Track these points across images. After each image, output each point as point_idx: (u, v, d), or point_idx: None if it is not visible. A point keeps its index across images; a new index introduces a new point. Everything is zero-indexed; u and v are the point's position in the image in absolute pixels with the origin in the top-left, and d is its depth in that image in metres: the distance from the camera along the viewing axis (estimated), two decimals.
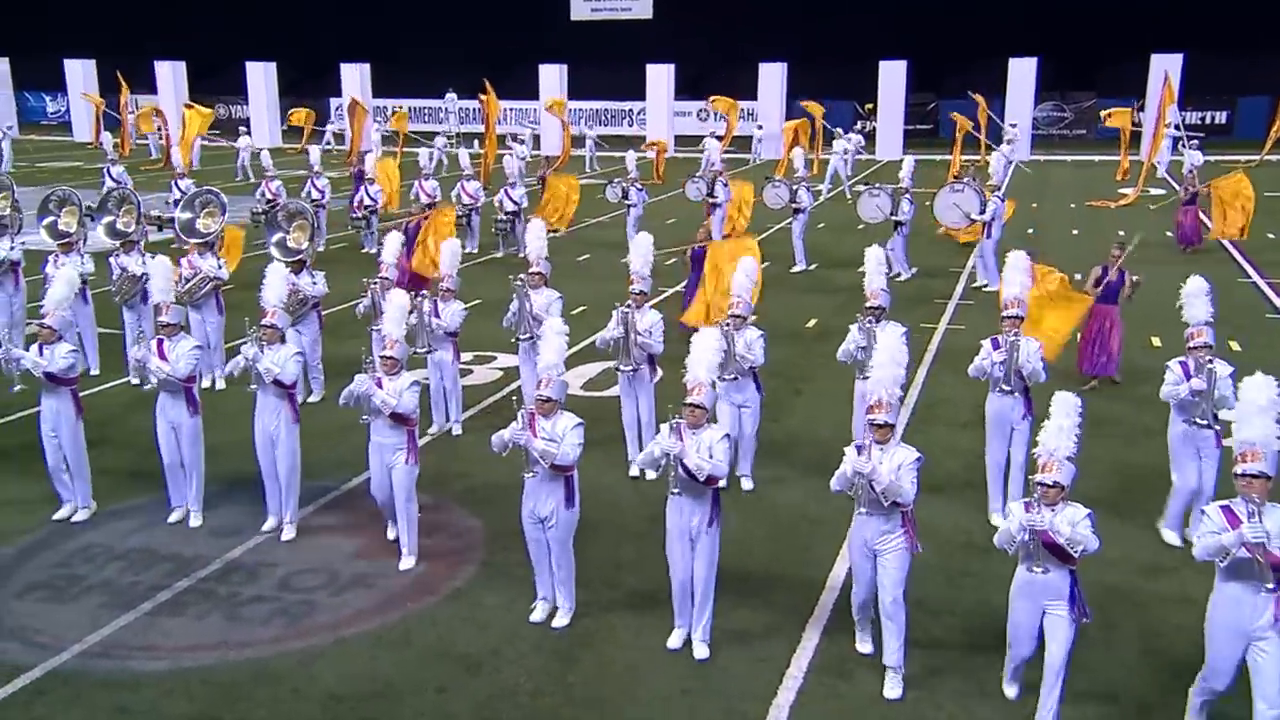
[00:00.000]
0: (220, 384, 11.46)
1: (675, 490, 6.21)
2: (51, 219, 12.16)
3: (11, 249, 12.33)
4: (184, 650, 6.52)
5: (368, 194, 19.15)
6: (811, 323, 14.14)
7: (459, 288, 10.19)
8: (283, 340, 8.04)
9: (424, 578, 7.42)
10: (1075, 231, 21.27)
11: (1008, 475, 7.97)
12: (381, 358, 7.36)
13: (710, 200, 18.40)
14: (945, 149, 39.64)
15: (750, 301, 8.79)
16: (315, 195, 19.53)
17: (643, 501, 8.39)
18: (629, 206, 19.80)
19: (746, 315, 8.61)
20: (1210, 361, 7.31)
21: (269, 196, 19.42)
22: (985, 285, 15.84)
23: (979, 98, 31.82)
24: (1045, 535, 5.33)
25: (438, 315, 9.78)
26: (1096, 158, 33.88)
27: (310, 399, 10.83)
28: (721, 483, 6.33)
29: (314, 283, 10.90)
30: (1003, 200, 16.89)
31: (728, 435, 6.41)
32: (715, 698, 6.03)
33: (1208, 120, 39.40)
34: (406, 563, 7.53)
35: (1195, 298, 7.77)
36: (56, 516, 8.27)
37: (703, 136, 33.43)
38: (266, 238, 12.11)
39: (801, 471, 9.02)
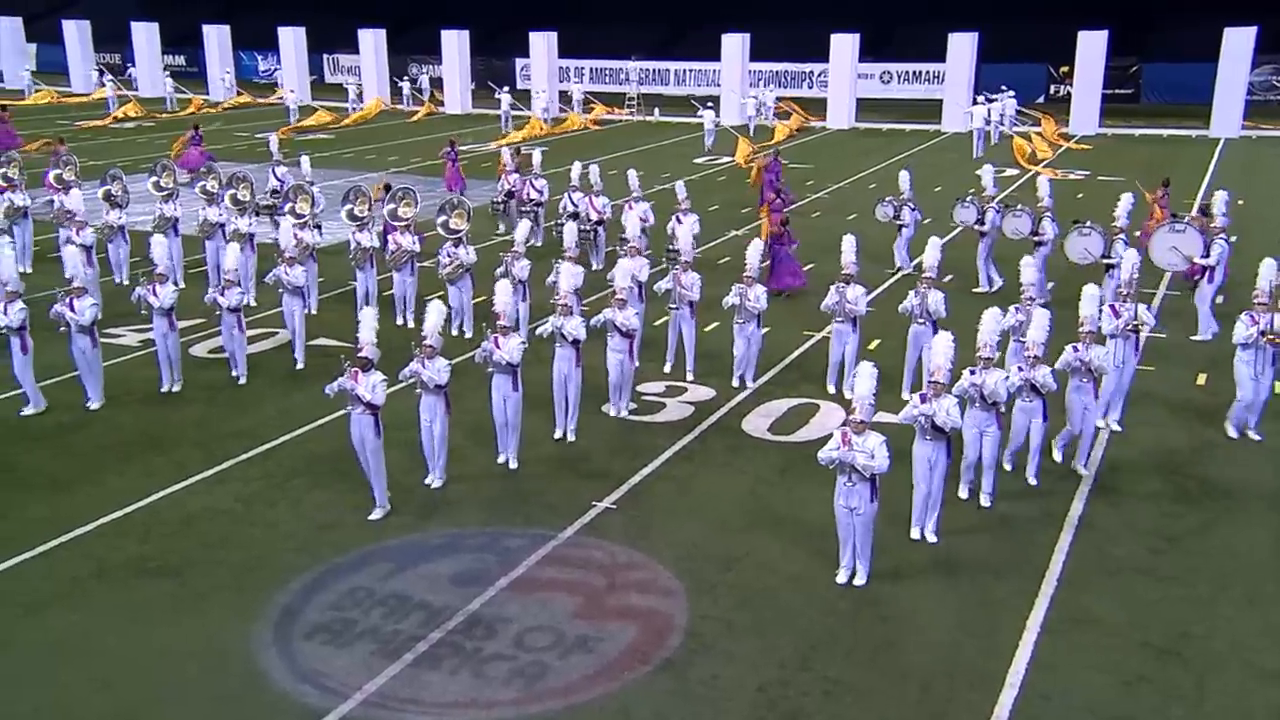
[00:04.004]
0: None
1: (927, 437, 9.48)
2: (349, 206, 17.17)
3: (175, 210, 18.23)
4: (444, 707, 7.73)
5: (532, 187, 21.00)
6: None
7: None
8: (571, 313, 11.41)
9: (637, 643, 8.44)
10: None
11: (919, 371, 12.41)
12: (561, 304, 11.38)
13: (1036, 239, 16.58)
14: (1148, 119, 37.20)
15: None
16: (534, 195, 20.92)
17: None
18: (900, 226, 18.48)
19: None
20: (1030, 304, 11.43)
21: (508, 188, 21.61)
22: (1206, 334, 14.84)
23: None
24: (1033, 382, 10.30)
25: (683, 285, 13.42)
26: None
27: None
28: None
29: (467, 254, 15.41)
30: (1228, 243, 15.45)
31: (958, 399, 9.70)
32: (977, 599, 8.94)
33: None
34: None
35: (1027, 267, 12.22)
36: (426, 480, 10.95)
37: (886, 101, 31.82)
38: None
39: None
